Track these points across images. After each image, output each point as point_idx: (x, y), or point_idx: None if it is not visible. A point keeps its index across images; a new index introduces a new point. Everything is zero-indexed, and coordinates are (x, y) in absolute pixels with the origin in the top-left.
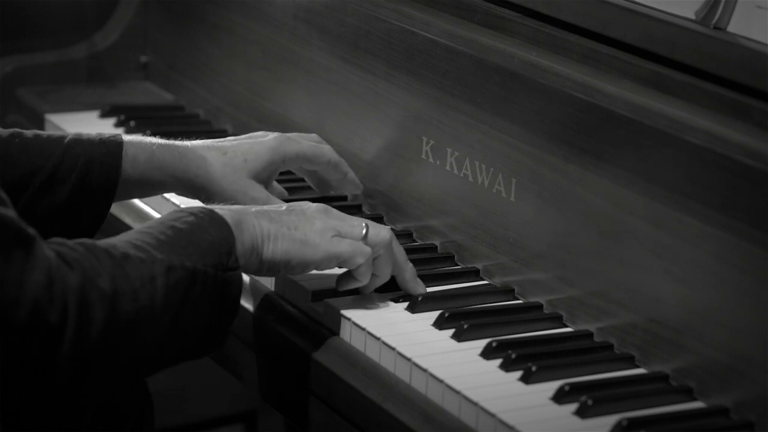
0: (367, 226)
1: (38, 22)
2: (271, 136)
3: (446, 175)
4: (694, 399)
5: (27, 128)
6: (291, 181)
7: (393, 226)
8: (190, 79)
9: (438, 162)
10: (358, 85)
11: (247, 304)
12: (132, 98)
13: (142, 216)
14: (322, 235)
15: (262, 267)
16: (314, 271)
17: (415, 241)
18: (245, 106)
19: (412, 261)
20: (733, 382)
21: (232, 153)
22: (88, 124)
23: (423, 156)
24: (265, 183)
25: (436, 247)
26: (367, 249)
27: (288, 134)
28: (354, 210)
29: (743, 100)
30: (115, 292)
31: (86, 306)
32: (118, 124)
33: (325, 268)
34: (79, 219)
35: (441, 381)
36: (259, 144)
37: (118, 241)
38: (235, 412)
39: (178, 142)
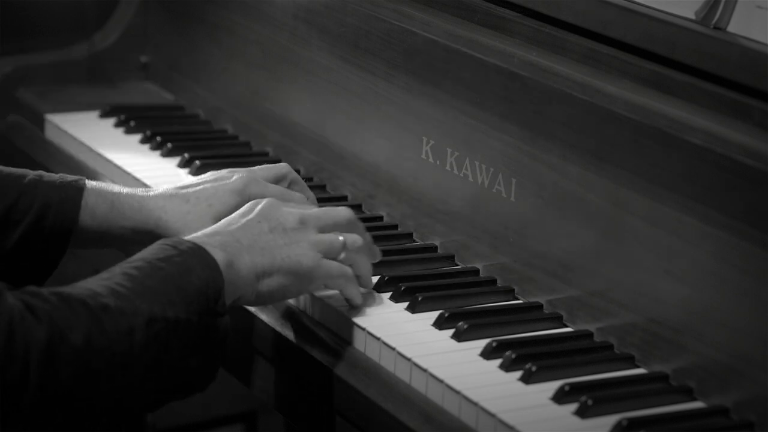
0: (343, 239)
1: (38, 22)
2: (236, 177)
3: (446, 175)
4: (694, 399)
5: (27, 128)
6: None
7: (393, 227)
8: (190, 79)
9: (438, 162)
10: (358, 85)
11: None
12: (132, 98)
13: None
14: (311, 260)
15: (258, 301)
16: None
17: (415, 241)
18: (245, 106)
19: (412, 261)
20: (733, 382)
21: (194, 200)
22: (88, 124)
23: (423, 156)
24: None
25: (436, 247)
26: (349, 271)
27: (254, 172)
28: (354, 209)
29: (743, 100)
30: (88, 347)
31: (52, 362)
32: (118, 124)
33: (314, 291)
34: (29, 265)
35: (441, 381)
36: (222, 187)
37: (99, 285)
38: (235, 412)
39: (139, 192)
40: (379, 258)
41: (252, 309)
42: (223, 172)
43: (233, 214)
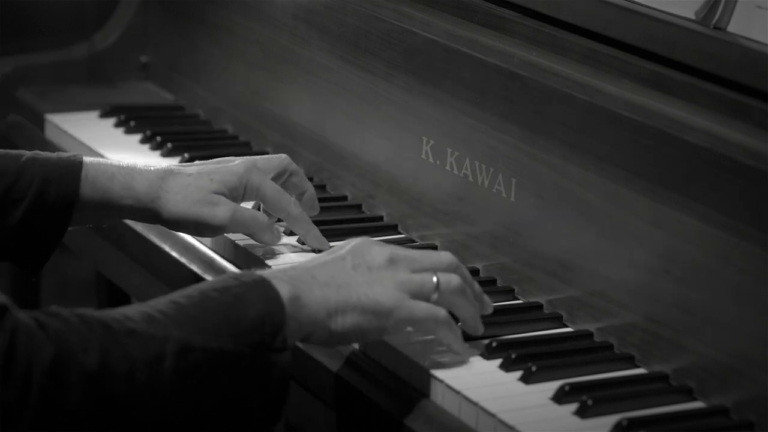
0: (437, 278)
1: (38, 22)
2: (239, 160)
3: (446, 175)
4: (694, 399)
5: (27, 128)
6: None
7: (396, 227)
8: (190, 79)
9: (438, 162)
10: (358, 85)
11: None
12: (132, 98)
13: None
14: (393, 299)
15: (331, 340)
16: None
17: (415, 241)
18: (245, 106)
19: None
20: (733, 382)
21: (196, 174)
22: (88, 124)
23: (423, 156)
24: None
25: (436, 247)
26: (443, 314)
27: (254, 161)
28: (354, 209)
29: (743, 100)
30: (103, 371)
31: (58, 384)
32: (118, 124)
33: (399, 332)
34: (32, 243)
35: (441, 381)
36: (224, 167)
37: (135, 311)
38: None
39: (140, 165)
40: (491, 310)
41: (307, 348)
42: (227, 158)
43: (320, 254)
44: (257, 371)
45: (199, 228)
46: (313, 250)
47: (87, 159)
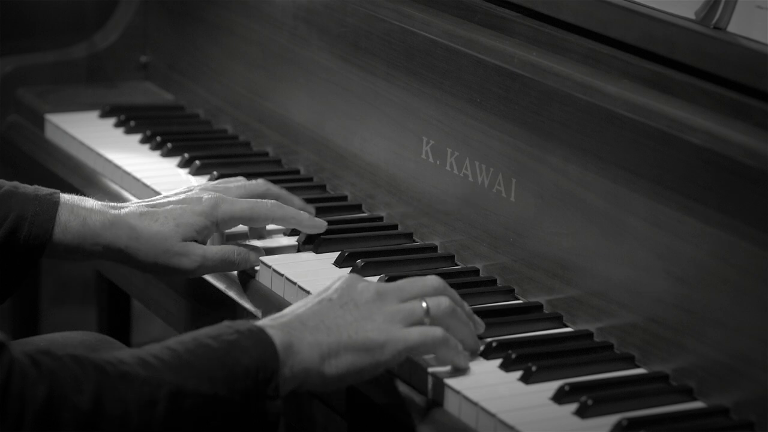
0: (426, 303)
1: (38, 22)
2: (205, 198)
3: (446, 175)
4: (694, 399)
5: (27, 128)
6: (294, 181)
7: (395, 226)
8: (190, 79)
9: (438, 162)
10: (358, 85)
11: None
12: (132, 98)
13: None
14: (384, 332)
15: (328, 383)
16: None
17: (415, 241)
18: (245, 106)
19: (412, 261)
20: (733, 382)
21: (163, 219)
22: (88, 124)
23: (423, 156)
24: (202, 242)
25: (436, 247)
26: (438, 332)
27: (228, 191)
28: (354, 209)
29: (743, 100)
30: (95, 413)
31: (50, 423)
32: (118, 124)
33: (397, 363)
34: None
35: (441, 381)
36: (190, 209)
37: (128, 355)
38: None
39: (111, 209)
40: (483, 329)
41: None
42: (196, 190)
43: (309, 296)
44: (249, 418)
45: (170, 275)
46: (312, 242)
47: (63, 198)
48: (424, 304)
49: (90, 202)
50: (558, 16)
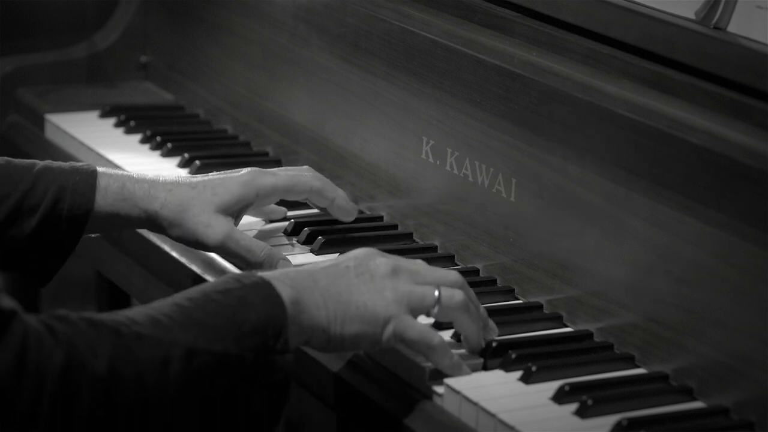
0: (439, 292)
1: (38, 22)
2: (245, 170)
3: (446, 175)
4: (694, 399)
5: (27, 128)
6: None
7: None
8: (190, 79)
9: (438, 162)
10: (358, 85)
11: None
12: (132, 98)
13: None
14: (391, 312)
15: (329, 346)
16: None
17: (415, 241)
18: (245, 106)
19: None
20: (733, 382)
21: (201, 187)
22: (88, 124)
23: (423, 156)
24: (236, 217)
25: (437, 247)
26: (436, 340)
27: (267, 169)
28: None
29: (743, 100)
30: (112, 376)
31: (68, 390)
32: (118, 124)
33: (389, 346)
34: (46, 252)
35: (441, 381)
36: (230, 178)
37: (140, 314)
38: None
39: (148, 176)
40: (495, 335)
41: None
42: (236, 169)
43: (327, 259)
44: (260, 374)
45: (196, 245)
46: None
47: (100, 169)
48: (436, 293)
49: (127, 171)
50: (558, 16)
